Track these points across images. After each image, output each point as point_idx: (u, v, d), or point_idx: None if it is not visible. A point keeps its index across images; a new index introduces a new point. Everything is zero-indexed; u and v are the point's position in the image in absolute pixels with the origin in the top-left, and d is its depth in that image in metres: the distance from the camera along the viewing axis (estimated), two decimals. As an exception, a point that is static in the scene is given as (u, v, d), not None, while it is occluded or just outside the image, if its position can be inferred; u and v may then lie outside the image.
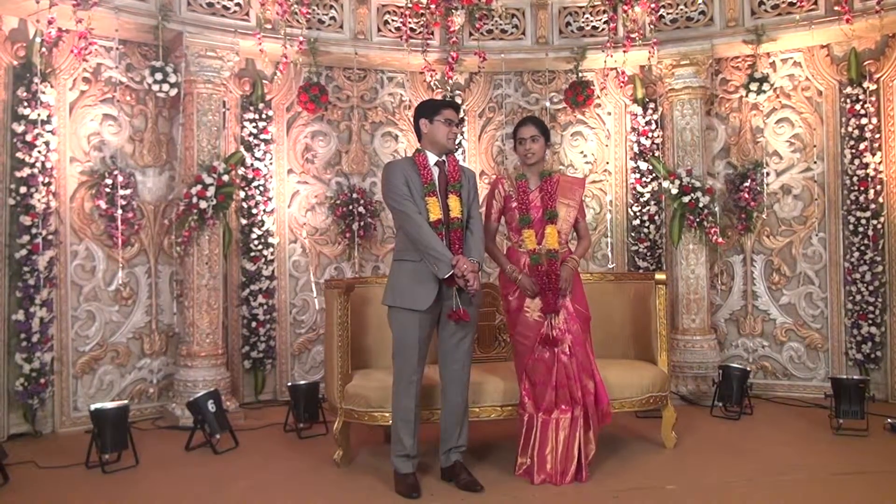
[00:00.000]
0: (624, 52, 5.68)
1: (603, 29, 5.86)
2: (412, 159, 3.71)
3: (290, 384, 4.98)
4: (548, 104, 6.16)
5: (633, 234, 6.06)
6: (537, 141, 3.85)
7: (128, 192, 5.10)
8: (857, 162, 5.42)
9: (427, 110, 3.72)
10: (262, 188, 5.67)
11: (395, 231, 4.04)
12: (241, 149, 5.60)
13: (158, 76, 4.94)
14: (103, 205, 5.03)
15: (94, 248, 5.07)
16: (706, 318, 5.68)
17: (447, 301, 3.53)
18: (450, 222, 3.57)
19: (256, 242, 5.63)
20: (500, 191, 3.93)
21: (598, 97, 6.09)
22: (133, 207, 5.15)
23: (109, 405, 4.12)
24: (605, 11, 5.82)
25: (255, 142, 5.66)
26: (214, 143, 5.20)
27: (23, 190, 4.59)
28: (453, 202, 3.60)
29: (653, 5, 5.63)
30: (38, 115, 4.64)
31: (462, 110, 5.99)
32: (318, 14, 5.66)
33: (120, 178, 5.04)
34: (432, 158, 3.69)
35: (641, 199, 6.01)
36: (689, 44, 5.60)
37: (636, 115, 6.03)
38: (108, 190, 5.03)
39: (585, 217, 4.05)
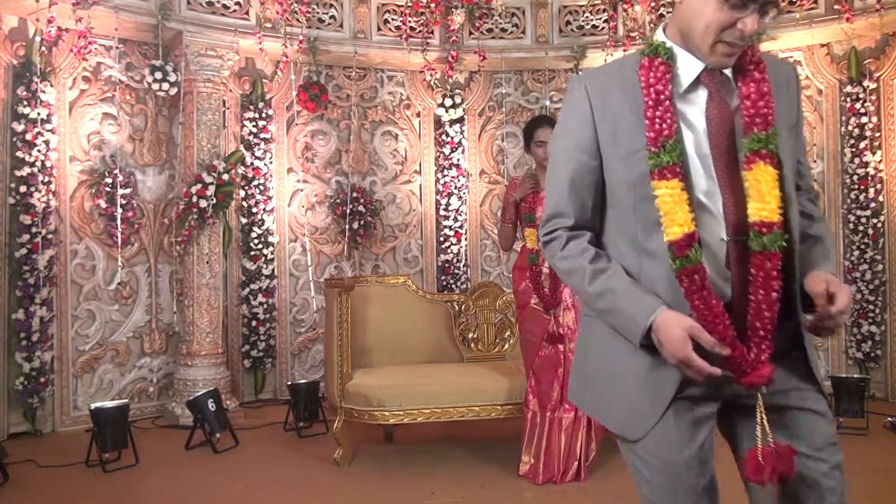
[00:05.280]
0: (624, 50, 5.67)
1: (603, 28, 5.86)
2: (626, 76, 1.52)
3: (290, 383, 4.99)
4: (548, 103, 6.15)
5: (632, 233, 6.04)
6: None
7: (128, 191, 5.10)
8: (857, 161, 5.41)
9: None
10: (262, 187, 5.67)
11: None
12: (241, 148, 5.59)
13: (158, 75, 4.93)
14: (103, 204, 5.02)
15: (93, 247, 5.07)
16: (706, 317, 5.66)
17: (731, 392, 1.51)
18: (753, 231, 1.40)
19: (256, 241, 5.62)
20: (516, 192, 3.85)
21: (598, 96, 6.07)
22: (133, 206, 5.14)
23: (109, 404, 4.13)
24: (604, 10, 5.82)
25: (255, 141, 5.66)
26: (214, 142, 5.20)
27: (23, 189, 4.58)
28: (762, 179, 1.40)
29: (653, 4, 5.62)
30: (38, 114, 4.63)
31: (462, 109, 5.98)
32: (317, 13, 5.65)
33: (120, 177, 5.03)
34: (693, 66, 1.46)
35: (641, 198, 5.99)
36: (689, 42, 5.59)
37: (636, 113, 6.02)
38: (107, 189, 5.03)
39: None
